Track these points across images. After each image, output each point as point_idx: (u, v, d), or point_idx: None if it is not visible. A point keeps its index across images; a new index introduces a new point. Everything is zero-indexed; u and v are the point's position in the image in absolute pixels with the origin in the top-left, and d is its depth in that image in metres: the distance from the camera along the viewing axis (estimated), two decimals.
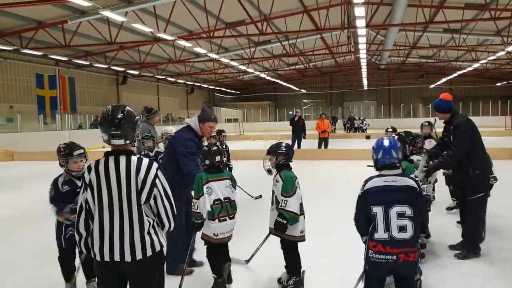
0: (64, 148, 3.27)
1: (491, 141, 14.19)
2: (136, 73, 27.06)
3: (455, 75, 33.40)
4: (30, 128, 18.45)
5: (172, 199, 2.32)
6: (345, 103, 41.50)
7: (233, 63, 24.58)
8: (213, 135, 6.62)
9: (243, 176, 7.30)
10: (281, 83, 36.61)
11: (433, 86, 36.93)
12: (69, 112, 22.12)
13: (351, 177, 9.09)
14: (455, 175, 4.44)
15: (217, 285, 3.30)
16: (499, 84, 36.93)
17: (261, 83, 40.49)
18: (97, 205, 2.17)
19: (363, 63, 25.66)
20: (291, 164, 3.45)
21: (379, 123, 28.76)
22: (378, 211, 2.59)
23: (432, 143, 5.38)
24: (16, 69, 20.32)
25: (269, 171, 3.49)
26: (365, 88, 37.71)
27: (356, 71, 33.84)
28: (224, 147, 7.05)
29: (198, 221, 3.27)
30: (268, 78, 33.20)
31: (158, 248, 2.24)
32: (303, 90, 40.54)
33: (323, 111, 22.39)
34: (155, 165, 2.27)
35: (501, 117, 29.08)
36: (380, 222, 2.58)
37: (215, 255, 3.34)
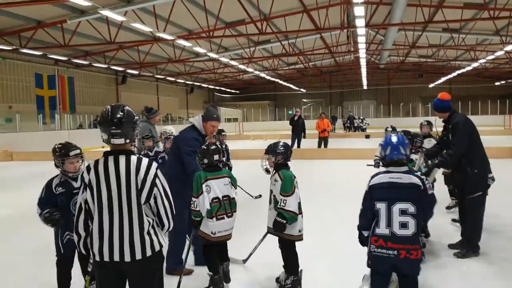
0: (59, 148, 3.12)
1: (490, 140, 14.22)
2: (135, 72, 27.05)
3: (454, 74, 33.45)
4: (29, 128, 18.42)
5: (171, 198, 2.31)
6: (345, 102, 41.51)
7: (233, 63, 24.57)
8: (212, 134, 6.61)
9: (243, 175, 7.31)
10: (281, 82, 36.61)
11: (432, 85, 36.97)
12: (68, 112, 22.07)
13: (350, 176, 9.13)
14: (453, 174, 4.45)
15: (213, 282, 3.32)
16: (498, 83, 37.01)
17: (260, 83, 40.52)
18: (96, 205, 2.17)
19: (363, 62, 25.68)
20: (289, 163, 3.46)
21: (379, 123, 28.77)
22: (381, 207, 2.63)
23: (432, 142, 5.38)
24: (15, 69, 20.30)
25: (267, 171, 3.51)
26: (365, 87, 37.74)
27: (355, 70, 33.87)
28: (223, 147, 7.03)
29: (197, 219, 3.28)
30: (267, 77, 33.23)
31: (157, 248, 2.24)
32: (302, 89, 40.54)
33: (322, 111, 22.37)
34: (154, 165, 2.27)
35: (500, 116, 29.17)
36: (382, 218, 2.62)
37: (213, 253, 3.36)
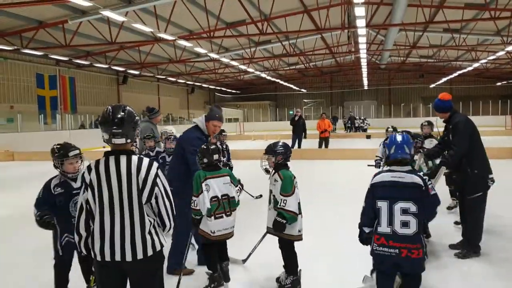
0: (58, 149, 3.07)
1: (490, 141, 14.22)
2: (136, 73, 27.07)
3: (455, 74, 33.42)
4: (30, 128, 18.43)
5: (172, 198, 2.32)
6: (346, 102, 41.51)
7: (234, 63, 24.58)
8: (214, 134, 6.61)
9: (244, 175, 7.24)
10: (282, 83, 36.60)
11: (433, 85, 36.93)
12: (69, 112, 22.10)
13: (351, 176, 9.13)
14: (453, 174, 4.44)
15: (212, 279, 3.34)
16: (499, 83, 36.95)
17: (261, 83, 40.51)
18: (97, 205, 2.17)
19: (364, 63, 25.67)
20: (289, 163, 3.46)
21: (380, 123, 28.76)
22: (382, 205, 2.65)
23: (433, 143, 5.37)
24: (16, 69, 20.33)
25: (267, 171, 3.51)
26: (366, 87, 37.73)
27: (356, 71, 33.85)
28: (224, 147, 7.04)
29: (197, 217, 3.29)
30: (268, 78, 33.22)
31: (158, 247, 2.25)
32: (303, 89, 40.54)
33: (323, 111, 22.39)
34: (155, 165, 2.27)
35: (501, 116, 29.12)
36: (384, 216, 2.63)
37: (212, 252, 3.37)
